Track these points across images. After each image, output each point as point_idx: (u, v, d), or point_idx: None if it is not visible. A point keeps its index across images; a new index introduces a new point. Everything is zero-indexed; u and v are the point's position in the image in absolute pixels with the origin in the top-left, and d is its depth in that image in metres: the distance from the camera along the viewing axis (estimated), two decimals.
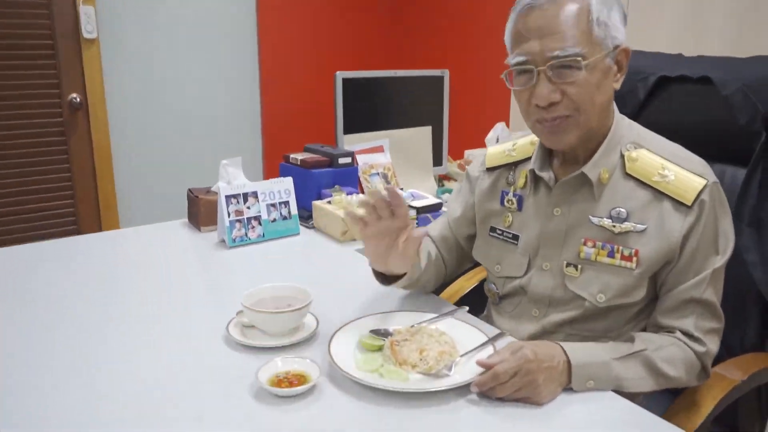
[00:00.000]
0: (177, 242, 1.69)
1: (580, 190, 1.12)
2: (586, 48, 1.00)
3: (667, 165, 1.07)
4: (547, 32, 1.01)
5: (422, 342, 1.03)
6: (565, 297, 1.13)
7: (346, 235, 1.67)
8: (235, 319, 1.15)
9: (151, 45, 3.03)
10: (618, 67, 1.06)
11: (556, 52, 1.00)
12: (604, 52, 1.02)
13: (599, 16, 1.00)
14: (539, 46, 1.01)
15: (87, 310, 1.24)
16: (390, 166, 2.03)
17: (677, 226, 1.04)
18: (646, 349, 1.02)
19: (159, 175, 3.17)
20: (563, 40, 1.00)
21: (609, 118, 1.11)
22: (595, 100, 1.04)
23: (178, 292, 1.34)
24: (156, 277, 1.43)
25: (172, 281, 1.41)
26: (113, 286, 1.39)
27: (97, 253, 1.60)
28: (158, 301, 1.30)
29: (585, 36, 1.00)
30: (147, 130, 3.11)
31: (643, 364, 1.01)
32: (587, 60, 1.00)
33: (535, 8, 1.02)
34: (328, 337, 1.08)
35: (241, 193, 1.64)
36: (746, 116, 1.23)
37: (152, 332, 1.16)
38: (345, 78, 1.98)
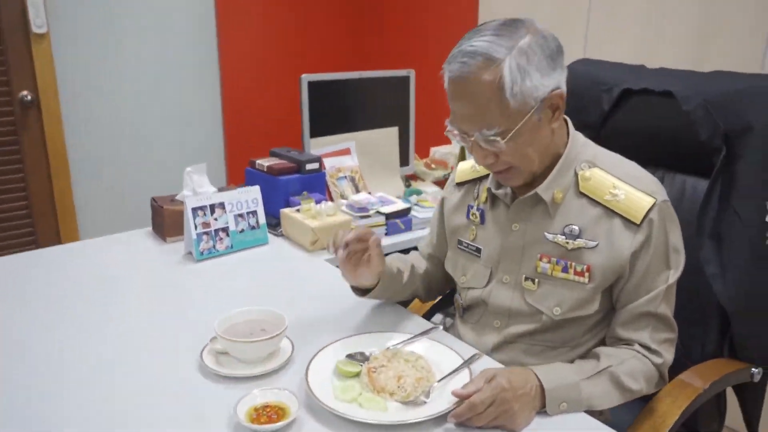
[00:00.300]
0: (142, 255, 1.66)
1: (535, 208, 1.16)
2: (503, 125, 1.04)
3: (618, 184, 1.11)
4: (467, 118, 1.06)
5: (399, 368, 1.04)
6: (523, 309, 1.18)
7: (316, 244, 1.67)
8: (209, 346, 1.14)
9: (106, 41, 2.92)
10: (553, 110, 1.08)
11: (476, 134, 1.06)
12: (527, 114, 1.04)
13: (513, 88, 1.01)
14: (464, 126, 1.07)
15: (47, 333, 1.21)
16: (357, 169, 2.02)
17: (626, 244, 1.08)
18: (610, 365, 1.06)
19: (118, 177, 3.08)
20: (480, 123, 1.05)
21: (560, 146, 1.14)
22: (529, 154, 1.09)
23: (146, 312, 1.32)
24: (123, 295, 1.41)
25: (139, 299, 1.39)
26: (76, 305, 1.35)
27: (57, 268, 1.55)
28: (126, 321, 1.28)
29: (501, 113, 1.03)
30: (104, 129, 3.00)
31: (610, 381, 1.05)
32: (506, 135, 1.04)
33: (456, 83, 1.05)
34: (304, 361, 1.08)
35: (208, 204, 1.61)
36: (707, 132, 1.26)
37: (122, 357, 1.14)
38: (311, 81, 1.95)
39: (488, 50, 1.01)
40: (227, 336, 1.08)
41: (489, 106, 1.03)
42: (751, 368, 1.27)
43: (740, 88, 1.26)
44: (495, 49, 1.01)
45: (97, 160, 3.01)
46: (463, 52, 1.03)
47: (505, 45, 1.01)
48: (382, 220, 1.80)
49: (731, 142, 1.25)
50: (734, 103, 1.25)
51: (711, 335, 1.29)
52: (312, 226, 1.64)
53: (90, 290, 1.43)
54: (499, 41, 1.01)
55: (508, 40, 1.02)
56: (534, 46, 1.02)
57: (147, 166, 3.19)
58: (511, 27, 1.04)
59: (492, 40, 1.02)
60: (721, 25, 2.05)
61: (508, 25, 1.04)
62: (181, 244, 1.69)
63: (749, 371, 1.27)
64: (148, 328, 1.26)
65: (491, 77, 1.01)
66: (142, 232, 1.81)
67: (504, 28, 1.04)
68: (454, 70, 1.04)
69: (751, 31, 1.97)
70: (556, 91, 1.06)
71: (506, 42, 1.01)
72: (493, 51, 1.01)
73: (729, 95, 1.26)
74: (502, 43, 1.01)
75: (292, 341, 1.15)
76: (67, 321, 1.27)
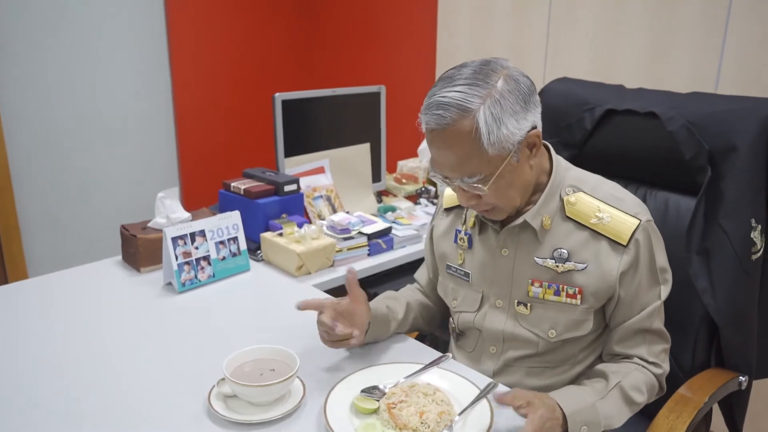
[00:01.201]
0: (119, 288, 1.57)
1: (524, 233, 1.17)
2: (484, 172, 1.06)
3: (603, 207, 1.14)
4: (447, 167, 1.08)
5: (419, 403, 1.03)
6: (518, 333, 1.19)
7: (301, 270, 1.63)
8: (216, 389, 1.09)
9: (51, 61, 2.77)
10: (531, 148, 1.10)
11: (457, 182, 1.09)
12: (506, 159, 1.06)
13: (489, 137, 1.02)
14: (446, 173, 1.09)
15: (16, 379, 1.12)
16: (332, 187, 1.99)
17: (615, 265, 1.11)
18: (619, 381, 1.09)
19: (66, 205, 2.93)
20: (460, 172, 1.07)
21: (543, 173, 1.17)
22: (511, 194, 1.11)
23: (138, 355, 1.25)
24: (104, 333, 1.32)
25: (125, 338, 1.31)
26: (51, 346, 1.25)
27: (28, 304, 1.44)
28: (119, 367, 1.20)
29: (480, 162, 1.05)
30: (50, 155, 2.84)
31: (620, 397, 1.09)
32: (488, 181, 1.06)
33: (433, 135, 1.06)
34: (317, 400, 1.06)
35: (188, 233, 1.55)
36: (691, 151, 1.32)
37: (118, 405, 1.06)
38: (284, 99, 1.91)
39: (462, 102, 1.02)
40: (238, 380, 1.04)
41: (468, 156, 1.04)
42: (738, 377, 1.33)
43: (720, 109, 1.32)
44: (468, 101, 1.02)
45: (43, 180, 2.84)
46: (437, 104, 1.03)
47: (478, 94, 1.02)
48: (365, 241, 1.78)
49: (715, 161, 1.30)
50: (717, 124, 1.30)
51: (700, 345, 1.34)
52: (297, 251, 1.60)
53: (67, 328, 1.33)
54: (472, 91, 1.02)
55: (480, 89, 1.02)
56: (506, 92, 1.03)
57: (96, 193, 3.05)
58: (482, 74, 1.04)
59: (465, 91, 1.02)
60: (675, 43, 2.14)
61: (479, 72, 1.04)
62: (156, 274, 1.62)
63: (737, 380, 1.33)
64: (143, 371, 1.19)
65: (467, 129, 1.02)
66: (111, 263, 1.71)
67: (476, 75, 1.04)
68: (430, 122, 1.05)
69: (704, 50, 2.07)
70: (532, 131, 1.08)
71: (479, 91, 1.02)
72: (467, 102, 1.02)
73: (711, 116, 1.32)
74: (476, 93, 1.02)
75: (302, 380, 1.12)
76: (42, 367, 1.18)
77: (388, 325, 1.27)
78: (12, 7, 2.67)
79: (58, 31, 2.81)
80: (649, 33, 2.20)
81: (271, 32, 3.54)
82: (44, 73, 2.81)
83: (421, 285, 1.43)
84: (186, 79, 3.25)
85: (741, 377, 1.33)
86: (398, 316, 1.29)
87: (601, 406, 1.05)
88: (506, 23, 2.62)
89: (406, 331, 1.34)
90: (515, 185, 1.10)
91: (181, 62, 3.22)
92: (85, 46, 2.91)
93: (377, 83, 2.20)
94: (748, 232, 1.26)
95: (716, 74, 2.06)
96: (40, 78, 2.79)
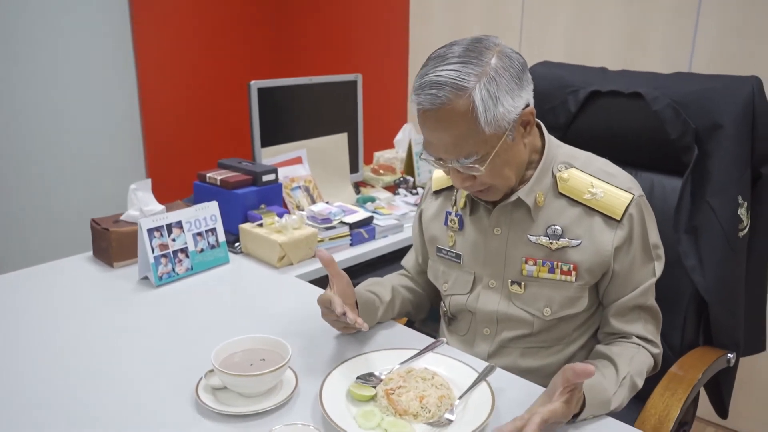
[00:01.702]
0: (92, 284, 1.49)
1: (517, 211, 1.16)
2: (481, 151, 1.03)
3: (596, 182, 1.13)
4: (442, 148, 1.05)
5: (419, 388, 0.99)
6: (512, 313, 1.18)
7: (283, 261, 1.58)
8: (204, 381, 1.03)
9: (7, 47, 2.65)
10: (525, 126, 1.09)
11: (454, 163, 1.06)
12: (502, 138, 1.04)
13: (486, 116, 1.00)
14: (441, 154, 1.06)
15: (2, 381, 1.06)
16: (310, 178, 1.94)
17: (609, 239, 1.10)
18: (629, 372, 1.07)
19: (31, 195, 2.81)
20: (456, 153, 1.04)
21: (536, 151, 1.15)
22: (506, 173, 1.09)
23: (118, 351, 1.18)
24: (84, 332, 1.25)
25: (106, 335, 1.24)
26: (29, 350, 1.18)
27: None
28: (98, 364, 1.13)
29: (477, 142, 1.03)
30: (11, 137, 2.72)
31: (628, 387, 1.07)
32: (484, 161, 1.04)
33: (427, 115, 1.03)
34: (311, 389, 1.02)
35: (164, 224, 1.48)
36: (677, 131, 1.32)
37: (103, 405, 1.00)
38: (260, 87, 1.85)
39: (457, 80, 0.99)
40: (228, 370, 0.99)
41: (464, 136, 1.02)
42: (727, 354, 1.34)
43: (705, 87, 1.32)
44: (463, 78, 0.99)
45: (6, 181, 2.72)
46: (430, 83, 1.00)
47: (473, 72, 0.99)
48: (347, 231, 1.74)
49: (701, 140, 1.31)
50: (702, 102, 1.31)
51: (689, 324, 1.35)
52: (279, 242, 1.55)
53: (38, 327, 1.26)
54: (466, 69, 1.00)
55: (475, 66, 1.00)
56: (501, 69, 1.01)
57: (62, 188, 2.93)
58: (475, 51, 1.02)
59: (459, 69, 1.00)
60: (648, 29, 2.17)
61: (471, 50, 1.02)
62: (131, 269, 1.55)
63: (726, 358, 1.33)
64: (124, 367, 1.12)
65: (463, 108, 0.99)
66: (81, 258, 1.64)
67: (468, 53, 1.02)
68: (424, 102, 1.02)
69: (677, 36, 2.10)
70: (526, 108, 1.06)
71: (474, 69, 1.00)
72: (462, 81, 0.99)
73: (695, 95, 1.32)
74: (470, 71, 1.00)
75: (293, 369, 1.07)
76: (17, 368, 1.11)
77: (375, 310, 1.23)
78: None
79: (17, 19, 2.69)
80: (623, 19, 2.22)
81: (244, 18, 3.46)
82: (4, 65, 2.68)
83: (409, 271, 1.40)
84: (153, 68, 3.15)
85: (729, 354, 1.34)
86: (385, 299, 1.26)
87: (614, 399, 1.03)
88: (479, 9, 2.62)
89: (395, 316, 1.31)
90: (511, 164, 1.08)
91: (148, 50, 3.11)
92: (47, 34, 2.79)
93: (353, 72, 2.17)
94: (735, 209, 1.27)
95: (689, 60, 2.09)
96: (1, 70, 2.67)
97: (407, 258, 1.43)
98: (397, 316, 1.32)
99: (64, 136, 2.95)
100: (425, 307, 1.40)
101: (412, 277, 1.40)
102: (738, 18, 1.98)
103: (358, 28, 3.24)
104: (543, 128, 1.18)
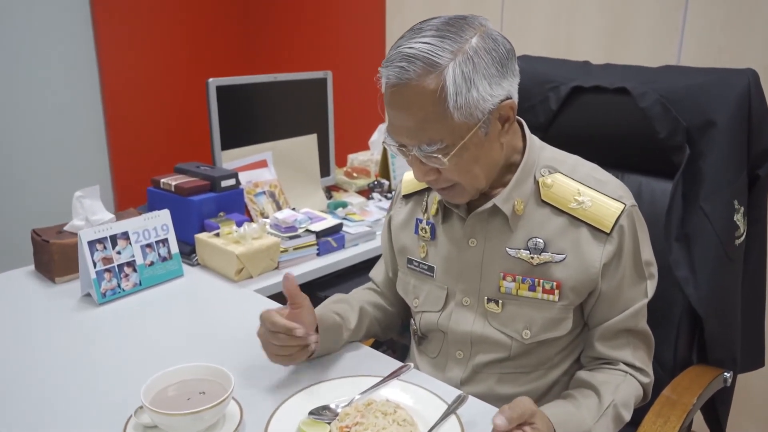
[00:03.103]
0: (29, 301, 1.36)
1: (494, 220, 1.03)
2: (446, 140, 0.91)
3: (583, 190, 1.01)
4: (404, 130, 0.93)
5: (378, 425, 0.87)
6: (488, 335, 1.05)
7: (242, 273, 1.45)
8: (133, 420, 0.90)
9: None
10: (503, 122, 0.96)
11: (415, 150, 0.94)
12: (473, 129, 0.91)
13: (457, 100, 0.88)
14: (401, 139, 0.95)
15: None
16: (276, 182, 1.82)
17: (596, 255, 0.99)
18: (613, 400, 0.96)
19: None
20: (419, 138, 0.92)
21: (515, 153, 1.03)
22: (475, 172, 0.97)
23: (50, 375, 1.05)
24: (16, 354, 1.12)
25: (33, 358, 1.11)
26: None
27: None
28: (26, 391, 1.00)
29: (442, 127, 0.90)
30: None
31: (612, 418, 0.96)
32: (449, 152, 0.92)
33: (392, 90, 0.91)
34: (256, 426, 0.89)
35: (107, 235, 1.35)
36: (666, 129, 1.21)
37: None
38: (219, 86, 1.72)
39: (429, 55, 0.87)
40: (158, 408, 0.86)
41: (428, 119, 0.89)
42: (723, 374, 1.22)
43: (695, 82, 1.22)
44: (437, 54, 0.87)
45: None
46: (401, 55, 0.88)
47: (449, 48, 0.87)
48: (313, 240, 1.61)
49: (693, 138, 1.20)
50: (692, 98, 1.20)
51: (682, 340, 1.24)
52: (236, 253, 1.42)
53: None
54: (442, 44, 0.87)
55: (452, 42, 0.88)
56: (481, 50, 0.89)
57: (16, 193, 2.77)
58: (455, 26, 0.90)
59: (434, 43, 0.87)
60: (634, 23, 2.06)
61: (452, 25, 0.90)
62: (74, 284, 1.41)
63: (722, 377, 1.22)
64: (50, 396, 0.99)
65: (432, 86, 0.87)
66: (21, 273, 1.50)
67: (448, 27, 0.90)
68: (390, 76, 0.89)
69: (664, 30, 1.99)
70: (507, 101, 0.93)
71: (450, 45, 0.88)
72: (435, 56, 0.87)
73: (685, 90, 1.21)
74: (446, 47, 0.87)
75: (238, 401, 0.94)
76: None
77: (339, 335, 1.10)
78: None
79: None
80: (608, 11, 2.11)
81: (205, 13, 3.32)
82: None
83: (377, 284, 1.27)
84: (115, 64, 3.00)
85: (726, 374, 1.23)
86: (351, 325, 1.13)
87: (596, 430, 0.92)
88: (458, 2, 2.50)
89: (360, 339, 1.18)
90: (480, 162, 0.95)
91: (109, 47, 2.97)
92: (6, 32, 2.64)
93: (323, 69, 2.04)
94: (731, 214, 1.16)
95: (677, 54, 1.98)
96: None
97: (376, 270, 1.30)
98: (363, 339, 1.20)
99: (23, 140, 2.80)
100: (395, 326, 1.27)
101: (381, 293, 1.27)
102: (729, 8, 1.88)
103: (330, 23, 3.11)
104: (525, 127, 1.05)
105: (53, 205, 2.86)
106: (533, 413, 0.82)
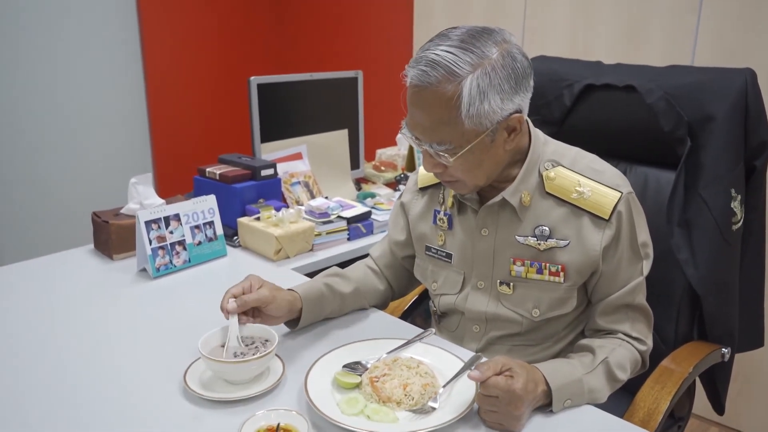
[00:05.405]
0: (91, 276, 1.52)
1: (504, 211, 1.14)
2: (454, 142, 1.02)
3: (583, 181, 1.11)
4: (419, 127, 1.04)
5: (403, 376, 1.00)
6: (501, 314, 1.17)
7: (280, 253, 1.59)
8: (191, 369, 1.05)
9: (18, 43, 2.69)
10: (509, 132, 1.06)
11: (426, 146, 1.05)
12: (480, 136, 1.02)
13: (469, 109, 0.98)
14: (417, 134, 1.05)
15: (7, 371, 1.08)
16: (310, 173, 1.96)
17: (597, 240, 1.09)
18: (606, 357, 1.07)
19: (35, 188, 2.85)
20: (431, 136, 1.03)
21: (522, 149, 1.13)
22: (477, 173, 1.07)
23: (109, 339, 1.20)
24: (79, 322, 1.27)
25: (98, 325, 1.26)
26: (28, 340, 1.20)
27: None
28: (89, 352, 1.15)
29: (453, 131, 1.01)
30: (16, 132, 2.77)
31: (605, 372, 1.06)
32: (456, 153, 1.02)
33: (413, 90, 1.02)
34: (297, 377, 1.03)
35: (162, 216, 1.50)
36: (670, 123, 1.31)
37: (91, 393, 1.02)
38: (260, 83, 1.87)
39: (451, 64, 0.97)
40: (214, 357, 1.00)
41: (442, 122, 1.01)
42: (721, 349, 1.33)
43: (697, 80, 1.32)
44: (458, 65, 0.97)
45: (11, 175, 2.77)
46: (426, 60, 0.99)
47: (470, 61, 0.97)
48: (344, 225, 1.75)
49: (694, 132, 1.30)
50: (694, 94, 1.30)
51: (682, 318, 1.34)
52: (276, 235, 1.56)
53: (38, 318, 1.28)
54: (464, 56, 0.97)
55: (474, 56, 0.98)
56: (499, 67, 0.99)
57: (67, 181, 2.97)
58: (480, 41, 0.99)
59: (457, 54, 0.97)
60: (650, 23, 2.15)
61: (477, 38, 0.99)
62: (130, 261, 1.57)
63: (720, 352, 1.32)
64: (117, 356, 1.14)
65: (449, 94, 0.98)
66: (82, 251, 1.66)
67: (473, 40, 0.99)
68: (414, 77, 1.00)
69: (679, 29, 2.08)
70: (515, 114, 1.04)
71: (472, 58, 0.98)
72: (456, 66, 0.97)
73: (688, 87, 1.32)
74: (467, 59, 0.97)
75: (281, 358, 1.08)
76: (15, 358, 1.13)
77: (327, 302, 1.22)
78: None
79: (25, 17, 2.74)
80: (625, 12, 2.21)
81: (246, 15, 3.49)
82: (10, 59, 2.73)
83: (376, 261, 1.36)
84: (159, 64, 3.19)
85: (723, 349, 1.33)
86: (341, 293, 1.24)
87: (587, 380, 1.03)
88: (483, 4, 2.62)
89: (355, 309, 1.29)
90: (483, 165, 1.06)
91: (154, 47, 3.15)
92: (55, 33, 2.84)
93: (354, 69, 2.18)
94: (728, 202, 1.26)
95: (691, 54, 2.07)
96: (5, 64, 2.71)
97: (378, 247, 1.38)
98: (358, 308, 1.30)
99: (74, 134, 2.99)
100: (385, 297, 1.36)
101: (378, 272, 1.36)
102: (742, 11, 1.96)
103: (361, 25, 3.25)
104: (530, 125, 1.16)
105: (100, 192, 3.06)
106: (505, 364, 0.93)
